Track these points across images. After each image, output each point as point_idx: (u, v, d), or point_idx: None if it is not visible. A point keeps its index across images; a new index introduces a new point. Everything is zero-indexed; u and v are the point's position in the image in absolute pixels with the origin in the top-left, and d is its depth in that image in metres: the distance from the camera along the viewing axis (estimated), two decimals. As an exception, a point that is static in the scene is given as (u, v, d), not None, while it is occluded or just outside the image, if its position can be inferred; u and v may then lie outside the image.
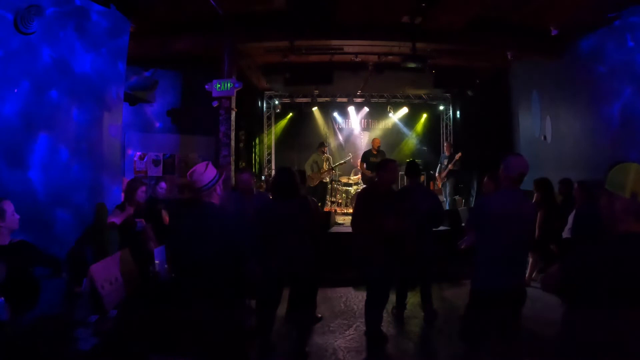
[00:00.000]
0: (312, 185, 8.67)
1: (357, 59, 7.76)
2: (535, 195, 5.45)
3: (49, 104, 4.05)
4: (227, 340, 2.38)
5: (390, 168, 4.00)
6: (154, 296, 3.26)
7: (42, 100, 3.97)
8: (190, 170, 2.39)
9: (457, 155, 8.86)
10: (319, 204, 8.61)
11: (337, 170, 9.73)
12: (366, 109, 11.65)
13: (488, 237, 2.70)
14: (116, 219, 4.08)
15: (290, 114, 11.68)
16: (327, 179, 9.31)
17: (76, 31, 4.36)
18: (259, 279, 2.34)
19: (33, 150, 3.87)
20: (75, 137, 4.38)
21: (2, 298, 2.36)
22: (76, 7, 4.38)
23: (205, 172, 2.37)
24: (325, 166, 8.94)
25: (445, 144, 10.11)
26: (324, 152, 9.08)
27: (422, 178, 9.72)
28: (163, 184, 5.23)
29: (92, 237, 4.48)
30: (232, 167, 6.76)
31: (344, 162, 9.67)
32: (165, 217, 4.85)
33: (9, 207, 2.66)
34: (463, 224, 5.81)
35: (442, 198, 8.56)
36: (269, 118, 11.58)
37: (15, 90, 3.67)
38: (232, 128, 6.74)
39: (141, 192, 4.31)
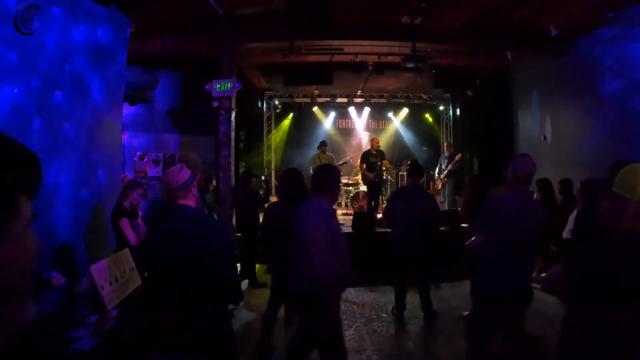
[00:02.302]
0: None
1: (357, 59, 7.77)
2: (536, 195, 5.46)
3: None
4: (207, 345, 2.32)
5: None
6: (154, 296, 3.27)
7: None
8: (166, 172, 2.31)
9: (457, 157, 8.87)
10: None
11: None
12: (366, 109, 11.65)
13: (496, 238, 2.71)
14: (132, 238, 4.10)
15: (291, 114, 11.68)
16: None
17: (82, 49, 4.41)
18: (238, 285, 2.26)
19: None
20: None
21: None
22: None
23: (180, 173, 2.26)
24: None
25: (445, 144, 10.12)
26: (325, 152, 9.03)
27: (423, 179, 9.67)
28: None
29: (89, 237, 4.49)
30: (232, 167, 6.76)
31: (345, 162, 9.64)
32: None
33: None
34: (463, 224, 5.81)
35: (441, 198, 8.57)
36: (269, 118, 11.58)
37: (15, 91, 3.66)
38: (232, 128, 6.73)
39: (136, 195, 4.35)
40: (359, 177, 9.51)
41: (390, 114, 11.72)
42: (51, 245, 3.90)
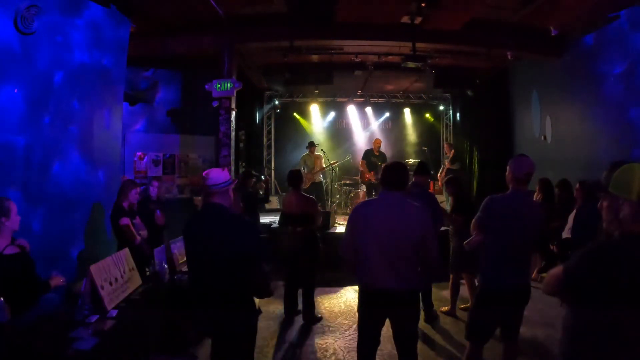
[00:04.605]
0: (304, 187, 8.63)
1: (357, 59, 7.76)
2: (536, 194, 5.47)
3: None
4: (239, 341, 2.39)
5: None
6: (154, 296, 3.27)
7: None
8: (207, 171, 2.45)
9: (451, 152, 8.90)
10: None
11: (336, 170, 9.70)
12: (366, 109, 11.65)
13: (495, 237, 2.73)
14: (133, 237, 4.12)
15: (291, 114, 11.67)
16: (321, 179, 9.23)
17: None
18: (269, 280, 2.31)
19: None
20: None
21: (2, 299, 2.36)
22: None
23: (221, 174, 2.43)
24: (317, 166, 8.89)
25: (445, 145, 10.14)
26: (313, 152, 9.01)
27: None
28: (155, 183, 5.22)
29: (89, 237, 4.49)
30: (232, 167, 6.76)
31: (336, 162, 9.57)
32: (160, 217, 4.84)
33: (13, 207, 2.68)
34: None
35: (442, 198, 8.58)
36: (269, 118, 11.58)
37: (15, 90, 3.67)
38: (232, 128, 6.74)
39: (134, 193, 4.36)
40: (358, 177, 9.51)
41: (390, 114, 11.71)
42: (51, 245, 3.90)
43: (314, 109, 11.41)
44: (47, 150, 4.04)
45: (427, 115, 11.95)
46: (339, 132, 11.90)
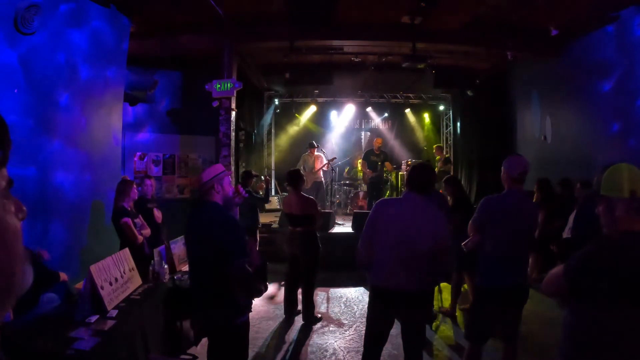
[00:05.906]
0: (305, 187, 8.63)
1: (357, 59, 7.77)
2: (535, 195, 5.46)
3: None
4: (225, 339, 2.40)
5: None
6: (154, 296, 3.27)
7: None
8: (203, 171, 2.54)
9: (442, 155, 8.94)
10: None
11: (336, 170, 9.69)
12: (366, 109, 11.65)
13: (492, 237, 2.73)
14: (135, 237, 4.09)
15: (291, 114, 11.67)
16: (322, 179, 9.24)
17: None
18: (248, 276, 2.27)
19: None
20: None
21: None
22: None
23: (207, 170, 2.48)
24: (317, 166, 8.89)
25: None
26: (313, 153, 9.02)
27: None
28: (148, 182, 5.07)
29: (90, 237, 4.48)
30: (232, 167, 6.76)
31: (334, 159, 9.56)
32: (158, 215, 4.83)
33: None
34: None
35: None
36: (269, 118, 11.58)
37: (15, 91, 3.67)
38: (232, 128, 6.74)
39: (135, 190, 4.33)
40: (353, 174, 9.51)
41: (390, 114, 11.71)
42: (51, 245, 3.90)
43: (314, 109, 11.41)
44: (48, 152, 4.04)
45: (427, 115, 11.95)
46: (339, 132, 11.90)
